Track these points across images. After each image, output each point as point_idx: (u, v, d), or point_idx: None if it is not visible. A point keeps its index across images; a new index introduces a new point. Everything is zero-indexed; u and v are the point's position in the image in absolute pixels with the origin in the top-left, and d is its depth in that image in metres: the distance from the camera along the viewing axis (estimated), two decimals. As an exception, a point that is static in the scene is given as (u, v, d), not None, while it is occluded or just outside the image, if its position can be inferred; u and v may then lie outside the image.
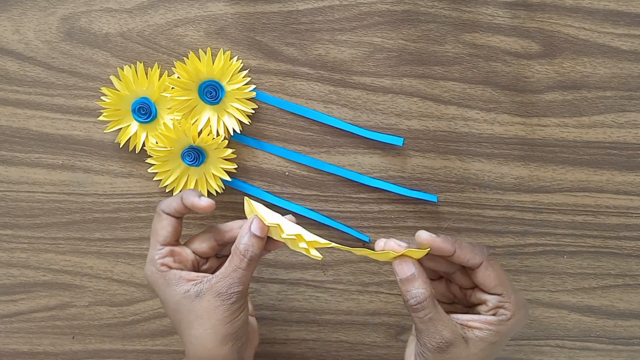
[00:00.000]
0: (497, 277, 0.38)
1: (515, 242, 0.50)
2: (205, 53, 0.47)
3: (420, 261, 0.39)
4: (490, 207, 0.50)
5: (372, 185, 0.49)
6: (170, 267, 0.40)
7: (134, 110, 0.48)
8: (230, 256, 0.40)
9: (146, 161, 0.49)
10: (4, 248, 0.51)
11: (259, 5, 0.48)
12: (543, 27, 0.48)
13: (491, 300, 0.39)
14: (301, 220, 0.50)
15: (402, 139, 0.48)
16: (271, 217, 0.41)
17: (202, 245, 0.42)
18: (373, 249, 0.40)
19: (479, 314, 0.39)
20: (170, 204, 0.42)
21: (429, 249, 0.38)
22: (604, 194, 0.49)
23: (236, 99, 0.48)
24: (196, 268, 0.43)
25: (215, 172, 0.49)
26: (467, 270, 0.40)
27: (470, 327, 0.38)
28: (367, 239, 0.50)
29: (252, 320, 0.45)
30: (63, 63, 0.49)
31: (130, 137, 0.49)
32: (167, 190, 0.50)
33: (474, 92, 0.48)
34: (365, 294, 0.51)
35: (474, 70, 0.48)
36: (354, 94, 0.49)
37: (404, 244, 0.39)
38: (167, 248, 0.41)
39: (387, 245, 0.39)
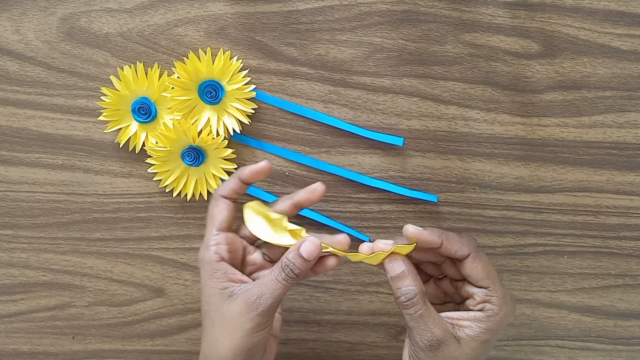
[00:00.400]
0: (484, 269, 0.38)
1: (515, 242, 0.50)
2: (205, 53, 0.47)
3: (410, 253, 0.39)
4: (490, 207, 0.50)
5: (372, 185, 0.49)
6: (222, 258, 0.40)
7: (133, 110, 0.48)
8: (274, 266, 0.39)
9: (146, 161, 0.49)
10: (4, 248, 0.51)
11: (259, 5, 0.48)
12: (543, 27, 0.47)
13: (478, 293, 0.39)
14: (301, 220, 0.50)
15: (402, 139, 0.48)
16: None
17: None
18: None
19: (468, 309, 0.39)
20: (227, 185, 0.42)
21: (415, 243, 0.38)
22: (604, 194, 0.49)
23: (236, 99, 0.48)
24: (244, 256, 0.42)
25: (215, 172, 0.49)
26: (456, 262, 0.40)
27: (461, 326, 0.38)
28: (367, 239, 0.50)
29: (272, 341, 0.43)
30: (63, 63, 0.49)
31: (130, 137, 0.49)
32: (167, 190, 0.50)
33: (474, 92, 0.48)
34: (365, 294, 0.51)
35: (474, 70, 0.48)
36: (354, 94, 0.49)
37: (390, 242, 0.39)
38: (222, 235, 0.41)
39: (376, 247, 0.39)
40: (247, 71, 0.48)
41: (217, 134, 0.48)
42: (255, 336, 0.38)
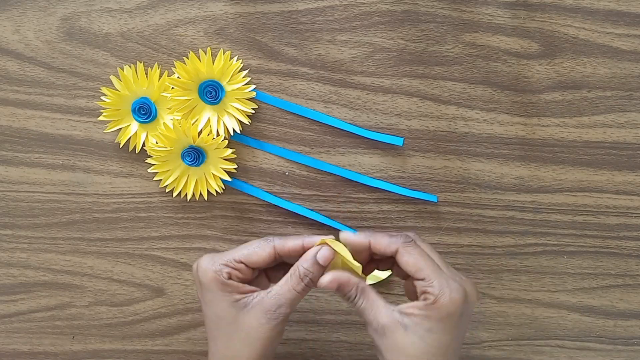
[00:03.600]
0: (415, 263, 0.39)
1: (515, 242, 0.50)
2: (205, 53, 0.47)
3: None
4: (490, 207, 0.50)
5: (372, 185, 0.49)
6: (231, 278, 0.40)
7: (134, 110, 0.48)
8: (287, 275, 0.40)
9: (146, 161, 0.49)
10: (4, 248, 0.51)
11: (259, 5, 0.48)
12: (543, 27, 0.48)
13: (417, 285, 0.39)
14: (301, 220, 0.50)
15: (402, 139, 0.48)
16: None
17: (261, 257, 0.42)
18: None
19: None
20: (286, 243, 0.41)
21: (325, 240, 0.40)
22: (604, 194, 0.49)
23: (236, 99, 0.48)
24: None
25: (215, 172, 0.49)
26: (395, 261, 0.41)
27: (407, 314, 0.39)
28: (367, 239, 0.50)
29: None
30: (63, 63, 0.49)
31: (130, 137, 0.49)
32: (167, 190, 0.50)
33: (474, 92, 0.48)
34: (365, 294, 0.51)
35: (474, 70, 0.48)
36: (354, 94, 0.49)
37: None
38: (242, 266, 0.41)
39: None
40: (247, 71, 0.48)
41: (217, 134, 0.48)
42: (276, 342, 0.41)
